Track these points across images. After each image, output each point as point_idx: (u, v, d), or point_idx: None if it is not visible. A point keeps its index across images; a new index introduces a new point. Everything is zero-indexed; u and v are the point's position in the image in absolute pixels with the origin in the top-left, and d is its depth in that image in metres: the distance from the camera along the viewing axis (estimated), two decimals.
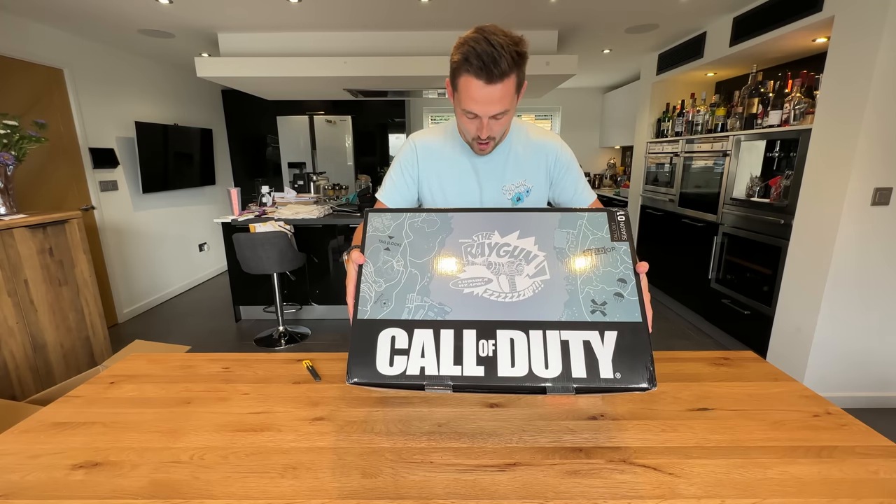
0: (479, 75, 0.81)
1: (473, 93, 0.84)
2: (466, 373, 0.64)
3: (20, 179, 2.52)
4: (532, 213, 0.77)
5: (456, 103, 0.91)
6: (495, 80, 0.81)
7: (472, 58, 0.80)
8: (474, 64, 0.80)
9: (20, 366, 1.91)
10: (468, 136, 0.95)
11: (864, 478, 0.64)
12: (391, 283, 0.72)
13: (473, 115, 0.88)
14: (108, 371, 1.02)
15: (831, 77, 2.01)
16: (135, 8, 2.62)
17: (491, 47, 0.78)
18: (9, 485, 0.65)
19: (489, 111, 0.86)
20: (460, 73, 0.84)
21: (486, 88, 0.82)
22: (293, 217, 3.00)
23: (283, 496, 0.62)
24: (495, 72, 0.80)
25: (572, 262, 0.72)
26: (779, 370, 0.97)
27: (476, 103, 0.85)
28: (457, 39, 0.85)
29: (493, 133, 0.91)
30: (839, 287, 2.05)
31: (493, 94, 0.83)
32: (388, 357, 0.66)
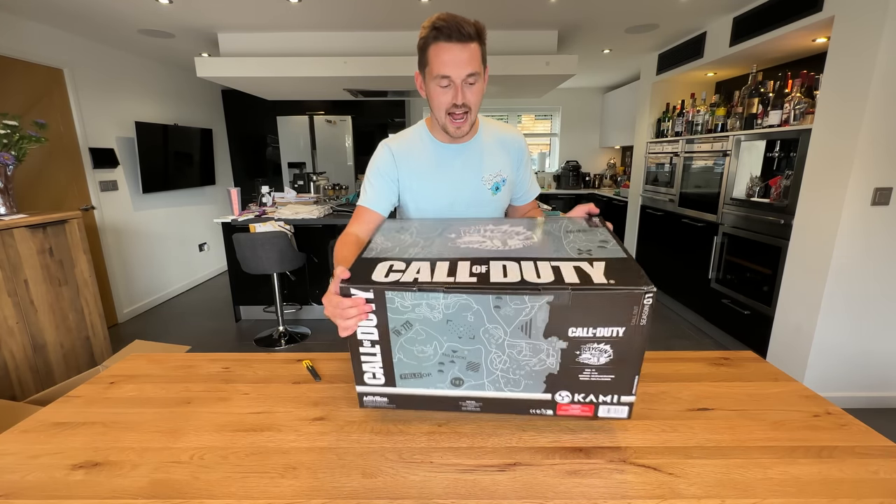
0: (450, 38, 0.88)
1: (445, 55, 0.89)
2: (459, 279, 0.66)
3: (20, 179, 2.52)
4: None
5: (427, 80, 0.95)
6: (465, 40, 0.88)
7: (440, 25, 0.88)
8: (443, 30, 0.88)
9: (20, 366, 1.91)
10: (442, 113, 0.97)
11: (864, 478, 0.64)
12: None
13: (447, 82, 0.92)
14: (108, 371, 1.02)
15: (831, 77, 2.01)
16: (135, 8, 2.62)
17: (454, 18, 0.88)
18: (9, 485, 0.65)
19: (461, 72, 0.90)
20: (429, 44, 0.90)
21: (456, 48, 0.89)
22: (293, 217, 3.00)
23: (283, 496, 0.62)
24: (463, 33, 0.87)
25: (558, 233, 0.84)
26: (779, 370, 0.97)
27: (448, 65, 0.89)
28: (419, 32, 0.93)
29: (467, 100, 0.94)
30: (839, 287, 2.05)
31: (463, 55, 0.89)
32: (384, 272, 0.69)
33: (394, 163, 1.06)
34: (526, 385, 0.71)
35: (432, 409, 0.76)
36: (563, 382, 0.70)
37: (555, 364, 0.68)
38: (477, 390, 0.73)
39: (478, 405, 0.74)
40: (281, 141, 4.79)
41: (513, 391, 0.72)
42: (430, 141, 1.07)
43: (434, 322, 0.68)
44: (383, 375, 0.73)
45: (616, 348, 0.65)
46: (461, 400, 0.74)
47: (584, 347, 0.66)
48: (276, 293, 2.98)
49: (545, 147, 5.91)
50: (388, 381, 0.73)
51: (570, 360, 0.67)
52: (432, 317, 0.68)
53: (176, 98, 4.17)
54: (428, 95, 0.98)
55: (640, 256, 3.94)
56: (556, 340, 0.66)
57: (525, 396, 0.72)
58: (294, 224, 2.99)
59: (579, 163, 5.50)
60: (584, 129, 5.64)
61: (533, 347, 0.67)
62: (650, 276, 0.64)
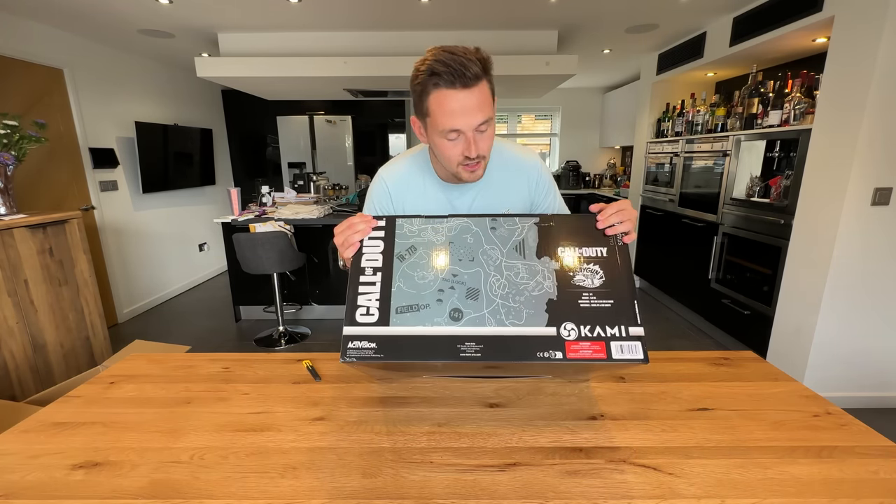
0: (453, 84, 0.74)
1: (450, 105, 0.76)
2: None
3: (20, 179, 2.52)
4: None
5: (431, 132, 0.82)
6: (470, 83, 0.75)
7: (440, 68, 0.74)
8: (444, 74, 0.74)
9: (20, 366, 1.91)
10: (452, 165, 0.85)
11: (864, 478, 0.64)
12: None
13: (456, 134, 0.80)
14: (108, 371, 1.02)
15: (831, 77, 2.01)
16: (135, 8, 2.62)
17: (454, 55, 0.74)
18: (9, 485, 0.65)
19: (472, 122, 0.78)
20: (429, 92, 0.77)
21: (462, 95, 0.75)
22: (293, 217, 3.00)
23: (283, 496, 0.62)
24: (468, 74, 0.74)
25: None
26: (779, 370, 0.97)
27: (456, 116, 0.77)
28: (411, 72, 0.80)
29: (481, 150, 0.82)
30: (839, 287, 2.05)
31: (471, 101, 0.76)
32: None
33: (389, 197, 0.97)
34: (528, 316, 0.68)
35: (426, 358, 0.67)
36: (565, 312, 0.68)
37: (552, 287, 0.70)
38: (477, 325, 0.68)
39: (478, 349, 0.67)
40: (281, 141, 4.79)
41: (515, 325, 0.68)
42: (431, 179, 0.96)
43: (437, 244, 0.74)
44: (377, 310, 0.69)
45: (605, 269, 0.70)
46: (460, 342, 0.67)
47: (576, 270, 0.70)
48: (276, 293, 2.98)
49: (545, 147, 5.92)
50: (382, 319, 0.68)
51: (566, 283, 0.70)
52: (436, 239, 0.74)
53: (176, 98, 4.17)
54: (433, 146, 0.86)
55: (641, 256, 3.94)
56: (549, 261, 0.71)
57: (529, 332, 0.67)
58: (294, 224, 2.99)
59: (579, 163, 5.50)
60: (584, 129, 5.64)
61: (529, 269, 0.71)
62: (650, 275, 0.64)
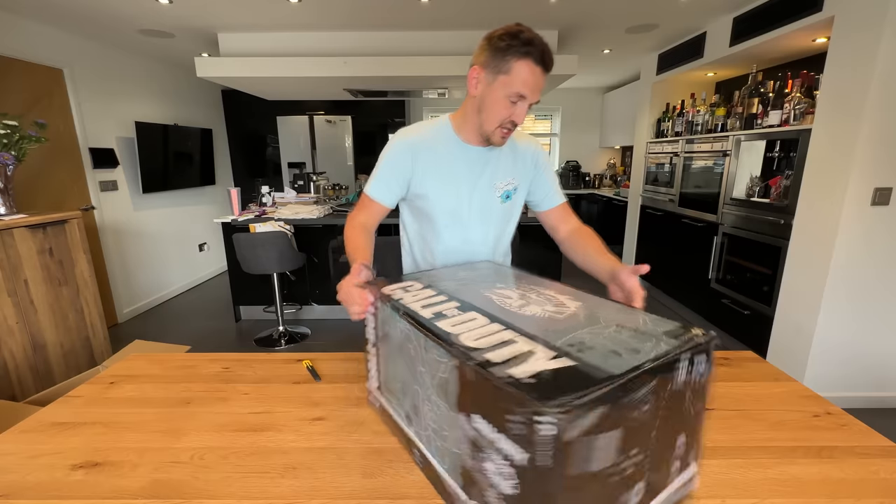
0: (541, 62, 0.87)
1: (532, 77, 0.88)
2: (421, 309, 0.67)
3: (20, 179, 2.52)
4: None
5: (497, 87, 0.91)
6: (547, 69, 0.89)
7: (535, 44, 0.86)
8: (534, 52, 0.86)
9: (20, 366, 1.91)
10: (492, 125, 0.96)
11: (864, 477, 0.64)
12: None
13: (518, 99, 0.91)
14: (108, 371, 1.02)
15: (831, 77, 2.01)
16: (135, 8, 2.62)
17: (542, 41, 0.88)
18: (9, 485, 0.65)
19: (536, 96, 0.91)
20: (517, 57, 0.87)
21: (540, 74, 0.89)
22: (293, 217, 3.00)
23: (283, 496, 0.62)
24: (548, 62, 0.88)
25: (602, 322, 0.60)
26: (779, 370, 0.97)
27: (529, 87, 0.89)
28: (497, 30, 0.90)
29: (522, 120, 0.95)
30: (839, 287, 2.04)
31: (542, 82, 0.90)
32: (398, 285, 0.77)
33: (410, 155, 1.03)
34: (449, 466, 0.57)
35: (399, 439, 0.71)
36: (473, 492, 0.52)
37: (467, 457, 0.52)
38: (418, 439, 0.65)
39: (421, 461, 0.66)
40: (281, 141, 4.78)
41: (440, 464, 0.60)
42: (454, 140, 1.05)
43: (394, 343, 0.68)
44: (376, 379, 0.73)
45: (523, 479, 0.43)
46: (412, 444, 0.67)
47: (487, 451, 0.48)
48: (276, 293, 2.98)
49: (545, 147, 5.91)
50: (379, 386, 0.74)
51: (475, 461, 0.50)
52: (394, 336, 0.68)
53: (176, 98, 4.17)
54: (486, 101, 0.94)
55: (641, 256, 3.94)
56: (465, 422, 0.51)
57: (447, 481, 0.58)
58: (294, 224, 2.99)
59: (579, 163, 5.51)
60: (584, 129, 5.64)
61: (450, 419, 0.54)
62: (650, 276, 0.62)
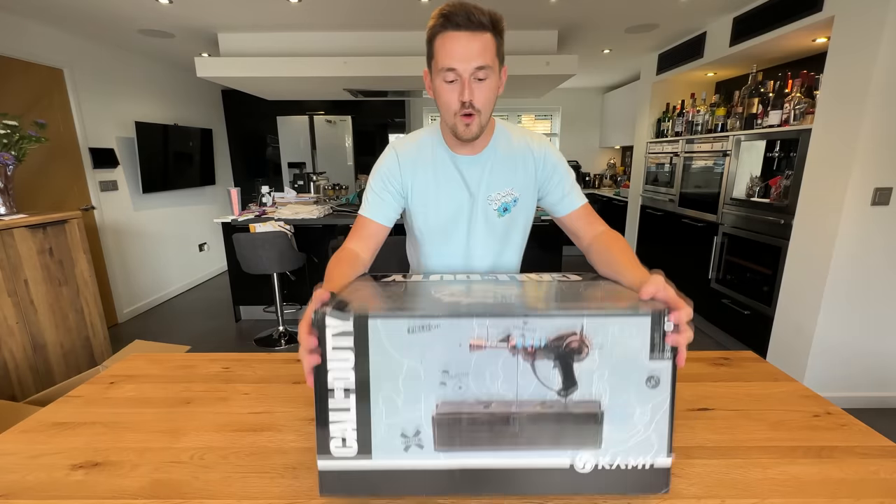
0: (458, 27, 0.79)
1: (452, 46, 0.80)
2: None
3: (20, 179, 2.52)
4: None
5: (435, 77, 0.85)
6: (475, 28, 0.78)
7: (448, 12, 0.79)
8: (451, 18, 0.78)
9: (20, 366, 1.91)
10: (450, 115, 0.86)
11: (864, 478, 0.64)
12: None
13: (453, 76, 0.81)
14: (108, 371, 1.02)
15: (831, 77, 2.01)
16: (135, 8, 2.62)
17: (466, 4, 0.79)
18: (9, 485, 0.65)
19: (469, 64, 0.80)
20: (437, 35, 0.81)
21: (465, 38, 0.79)
22: (293, 217, 3.00)
23: (283, 496, 0.62)
24: (473, 21, 0.78)
25: None
26: (779, 370, 0.97)
27: (455, 54, 0.79)
28: None
29: (475, 98, 0.83)
30: (839, 287, 2.04)
31: (472, 45, 0.79)
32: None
33: (398, 169, 0.96)
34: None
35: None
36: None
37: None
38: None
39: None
40: (281, 141, 4.79)
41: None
42: (440, 148, 0.96)
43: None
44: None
45: None
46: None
47: None
48: (276, 293, 2.98)
49: None
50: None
51: None
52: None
53: (176, 98, 4.17)
54: (435, 95, 0.88)
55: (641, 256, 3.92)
56: None
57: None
58: (294, 224, 2.99)
59: (579, 163, 5.51)
60: (584, 129, 5.64)
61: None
62: None
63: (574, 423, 0.56)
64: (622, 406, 0.56)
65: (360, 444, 0.56)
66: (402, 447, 0.56)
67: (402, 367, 0.55)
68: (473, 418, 0.56)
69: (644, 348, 0.56)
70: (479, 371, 0.55)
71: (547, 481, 0.58)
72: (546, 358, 0.55)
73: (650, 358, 0.56)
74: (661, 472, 0.58)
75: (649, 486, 0.58)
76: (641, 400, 0.56)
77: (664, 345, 0.56)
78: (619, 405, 0.56)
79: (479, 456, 0.57)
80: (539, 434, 0.56)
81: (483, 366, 0.55)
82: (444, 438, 0.56)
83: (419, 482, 0.57)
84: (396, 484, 0.57)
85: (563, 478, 0.57)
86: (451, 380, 0.56)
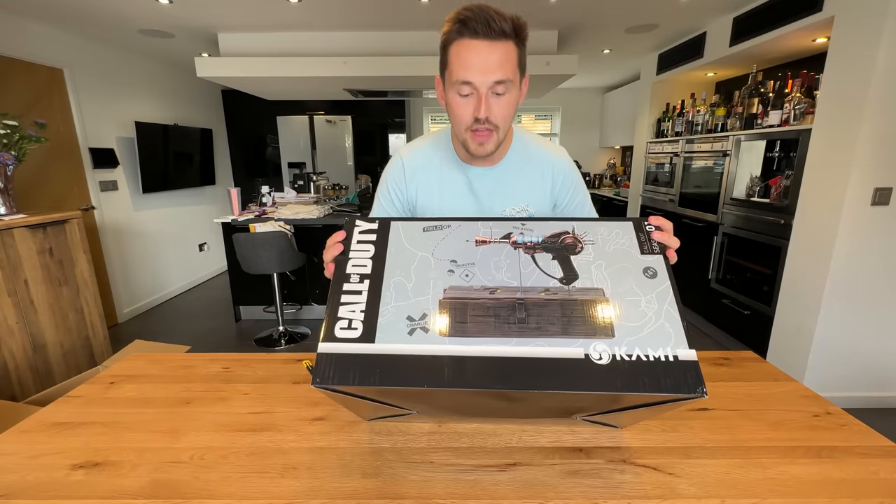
0: (476, 34, 0.71)
1: (468, 56, 0.72)
2: None
3: (20, 179, 2.52)
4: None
5: (448, 87, 0.78)
6: (494, 37, 0.70)
7: (467, 18, 0.70)
8: (470, 24, 0.70)
9: (20, 366, 1.91)
10: (462, 129, 0.80)
11: (864, 478, 0.64)
12: None
13: (469, 90, 0.74)
14: (108, 371, 1.02)
15: (831, 77, 2.01)
16: (135, 8, 2.62)
17: (484, 9, 0.71)
18: (9, 485, 0.65)
19: (488, 77, 0.72)
20: (452, 42, 0.74)
21: (483, 48, 0.71)
22: (293, 217, 3.00)
23: (283, 496, 0.62)
24: (494, 28, 0.70)
25: None
26: (779, 370, 0.97)
27: (472, 68, 0.72)
28: None
29: (492, 115, 0.76)
30: (839, 287, 2.04)
31: (491, 56, 0.71)
32: None
33: (404, 179, 0.91)
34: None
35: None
36: None
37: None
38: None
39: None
40: (281, 141, 4.79)
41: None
42: (449, 158, 0.90)
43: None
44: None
45: None
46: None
47: None
48: (276, 293, 2.98)
49: None
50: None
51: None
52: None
53: (176, 98, 4.17)
54: (447, 107, 0.80)
55: None
56: None
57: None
58: (294, 224, 2.99)
59: (579, 163, 5.51)
60: (584, 129, 5.64)
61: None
62: None
63: (581, 309, 0.56)
64: (626, 294, 0.57)
65: (366, 327, 0.55)
66: (406, 330, 0.55)
67: (416, 257, 0.61)
68: (479, 304, 0.57)
69: (633, 246, 0.61)
70: (485, 261, 0.61)
71: (562, 374, 0.51)
72: (545, 252, 0.61)
73: (641, 253, 0.61)
74: (690, 368, 0.51)
75: (681, 385, 0.50)
76: (644, 289, 0.57)
77: (652, 243, 0.62)
78: (622, 293, 0.57)
79: (487, 343, 0.54)
80: (547, 321, 0.55)
81: (488, 257, 0.61)
82: (450, 323, 0.55)
83: (421, 371, 0.52)
84: (396, 372, 0.52)
85: (579, 369, 0.51)
86: (459, 268, 0.60)
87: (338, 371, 0.52)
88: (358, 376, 0.52)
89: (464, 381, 0.51)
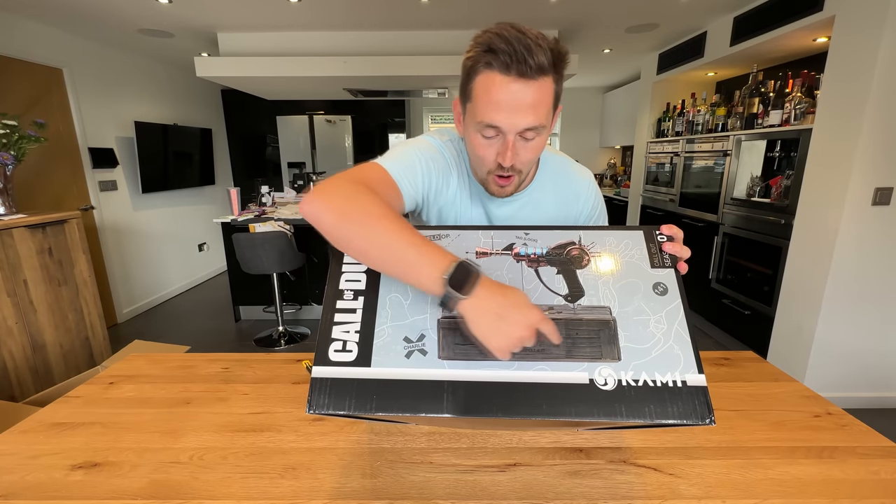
0: (508, 69, 0.58)
1: (497, 96, 0.59)
2: None
3: (20, 179, 2.52)
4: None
5: (468, 121, 0.66)
6: (529, 75, 0.58)
7: (498, 46, 0.57)
8: (500, 55, 0.57)
9: (19, 366, 1.91)
10: (482, 170, 0.70)
11: (864, 478, 0.64)
12: None
13: (494, 133, 0.63)
14: (108, 371, 1.02)
15: (832, 77, 2.01)
16: (135, 8, 2.62)
17: (522, 35, 0.58)
18: (8, 485, 0.65)
19: (518, 122, 0.61)
20: (477, 72, 0.61)
21: (515, 88, 0.58)
22: (293, 217, 3.00)
23: (283, 496, 0.62)
24: (530, 63, 0.57)
25: None
26: (779, 370, 0.97)
27: (500, 109, 0.60)
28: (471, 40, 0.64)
29: (518, 162, 0.65)
30: (839, 287, 2.04)
31: (524, 96, 0.59)
32: None
33: (435, 170, 0.76)
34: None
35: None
36: None
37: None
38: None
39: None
40: (281, 141, 4.78)
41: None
42: (468, 180, 0.78)
43: None
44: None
45: None
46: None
47: None
48: (276, 293, 2.98)
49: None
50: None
51: None
52: None
53: (176, 98, 4.17)
54: (467, 142, 0.69)
55: None
56: None
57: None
58: (294, 224, 2.99)
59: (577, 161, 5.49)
60: (584, 129, 5.64)
61: None
62: None
63: (587, 330, 0.53)
64: (634, 313, 0.54)
65: (361, 349, 0.52)
66: (403, 353, 0.52)
67: None
68: None
69: (643, 259, 0.58)
70: (486, 275, 0.54)
71: (566, 401, 0.49)
72: (549, 265, 0.58)
73: (652, 267, 0.57)
74: (699, 394, 0.49)
75: (689, 413, 0.48)
76: (653, 307, 0.54)
77: (663, 254, 0.58)
78: (630, 312, 0.54)
79: (487, 367, 0.51)
80: (551, 343, 0.52)
81: (489, 271, 0.56)
82: (449, 345, 0.53)
83: (419, 397, 0.50)
84: (393, 400, 0.49)
85: (583, 396, 0.49)
86: None
87: (333, 397, 0.50)
88: (354, 403, 0.49)
89: (464, 408, 0.49)
